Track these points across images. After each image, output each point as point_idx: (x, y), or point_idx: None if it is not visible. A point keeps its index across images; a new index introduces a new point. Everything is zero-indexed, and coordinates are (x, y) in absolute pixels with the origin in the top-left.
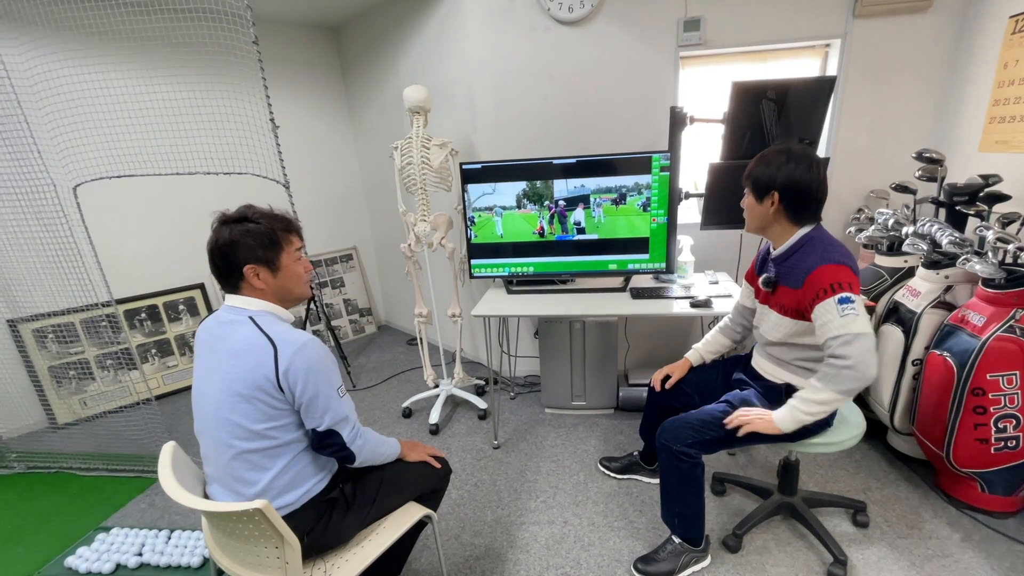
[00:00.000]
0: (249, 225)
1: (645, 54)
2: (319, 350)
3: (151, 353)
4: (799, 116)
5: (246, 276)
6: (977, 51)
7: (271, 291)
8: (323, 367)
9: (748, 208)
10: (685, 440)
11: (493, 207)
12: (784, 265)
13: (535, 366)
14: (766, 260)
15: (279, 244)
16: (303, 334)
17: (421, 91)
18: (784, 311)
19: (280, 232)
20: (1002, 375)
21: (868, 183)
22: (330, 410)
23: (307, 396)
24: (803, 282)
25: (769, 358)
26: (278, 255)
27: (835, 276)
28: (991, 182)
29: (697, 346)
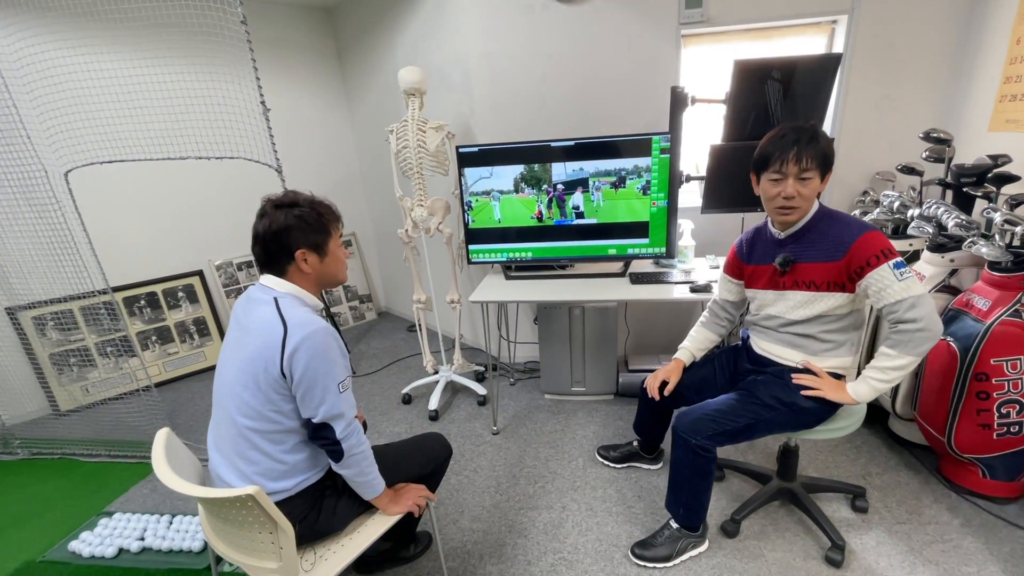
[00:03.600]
0: (301, 210)
1: (646, 33)
2: (328, 339)
3: (151, 340)
4: (804, 95)
5: (296, 260)
6: (989, 26)
7: (315, 275)
8: (327, 358)
9: (810, 192)
10: (704, 432)
11: (491, 191)
12: (802, 241)
13: (534, 352)
14: (762, 245)
15: (328, 230)
16: (318, 321)
17: (416, 72)
18: (814, 286)
19: (329, 219)
20: (1006, 360)
21: (874, 165)
22: (326, 402)
23: (305, 383)
24: (846, 251)
25: (781, 341)
26: (327, 241)
27: (883, 243)
28: (1000, 162)
29: (685, 345)
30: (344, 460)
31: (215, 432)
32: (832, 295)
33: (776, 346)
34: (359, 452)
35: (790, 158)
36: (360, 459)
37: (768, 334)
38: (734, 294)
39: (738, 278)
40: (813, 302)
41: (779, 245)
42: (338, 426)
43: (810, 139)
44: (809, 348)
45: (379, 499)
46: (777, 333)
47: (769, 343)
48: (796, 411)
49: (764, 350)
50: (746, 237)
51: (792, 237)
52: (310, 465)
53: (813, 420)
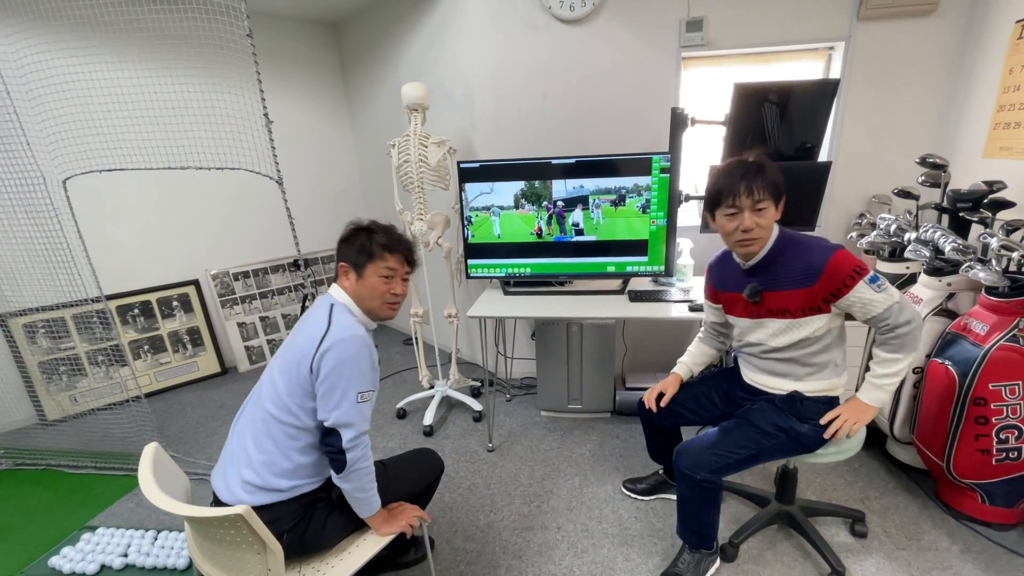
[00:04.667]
0: (360, 231)
1: (647, 54)
2: (362, 349)
3: (144, 350)
4: (801, 119)
5: (339, 271)
6: (982, 55)
7: (351, 292)
8: (356, 366)
9: (767, 222)
10: (708, 467)
11: (491, 207)
12: (769, 270)
13: (532, 368)
14: (731, 273)
15: (371, 255)
16: (360, 331)
17: (419, 88)
18: (789, 314)
19: (378, 247)
20: (1004, 385)
21: (870, 188)
22: (340, 408)
23: (327, 384)
24: (818, 277)
25: (766, 372)
26: (366, 264)
27: (853, 261)
28: (995, 188)
29: (684, 360)
30: (345, 472)
31: (242, 414)
32: (810, 319)
33: (763, 376)
34: (362, 468)
35: (741, 191)
36: (362, 475)
37: (754, 362)
38: (719, 317)
39: (716, 303)
40: (792, 329)
41: (746, 275)
42: (346, 435)
43: (757, 170)
44: (795, 374)
45: (373, 518)
46: (761, 360)
47: (756, 373)
48: (795, 436)
49: (753, 380)
50: (714, 263)
51: (757, 267)
52: (312, 472)
53: (814, 444)
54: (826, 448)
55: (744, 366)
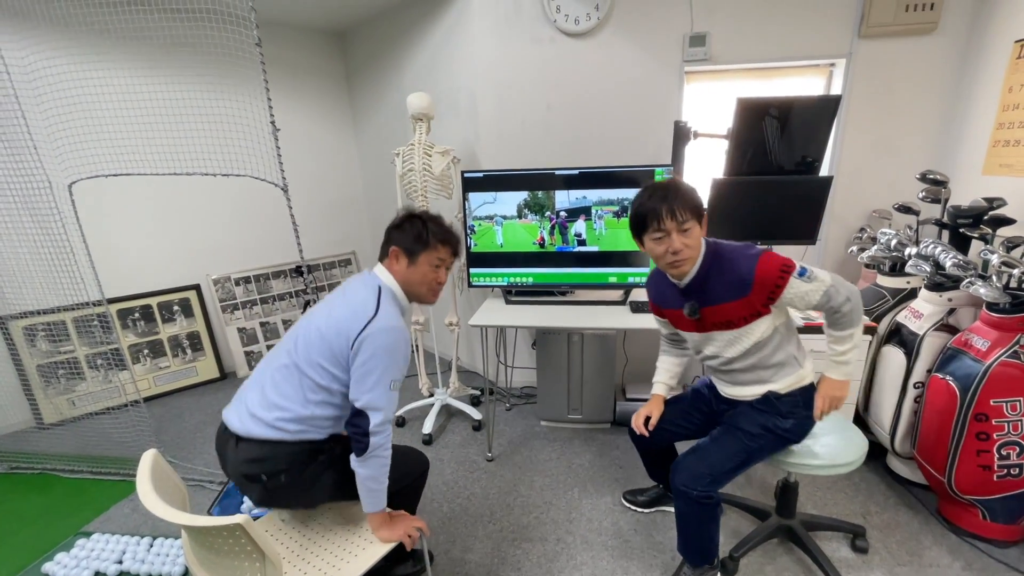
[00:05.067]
0: (415, 220)
1: (650, 68)
2: (400, 342)
3: (143, 354)
4: (802, 134)
5: (390, 254)
6: (982, 74)
7: (400, 276)
8: (394, 357)
9: (695, 241)
10: (703, 481)
11: (494, 216)
12: (704, 288)
13: (532, 377)
14: (671, 292)
15: (427, 244)
16: (401, 323)
17: (424, 98)
18: (732, 325)
19: (433, 237)
20: (1006, 401)
21: (870, 203)
22: (373, 392)
23: (363, 369)
24: (751, 285)
25: (736, 383)
26: (420, 251)
27: (778, 261)
28: (995, 205)
29: (659, 379)
30: (366, 456)
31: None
32: (753, 326)
33: (736, 388)
34: (382, 456)
35: (664, 214)
36: (380, 464)
37: (721, 377)
38: (668, 329)
39: (662, 318)
40: (740, 338)
41: (683, 294)
42: (374, 418)
43: (676, 193)
44: (762, 378)
45: (374, 516)
46: (726, 374)
47: (728, 387)
48: (780, 433)
49: (728, 394)
50: (651, 281)
51: (691, 286)
52: (324, 426)
53: (798, 436)
54: (828, 461)
55: (716, 382)
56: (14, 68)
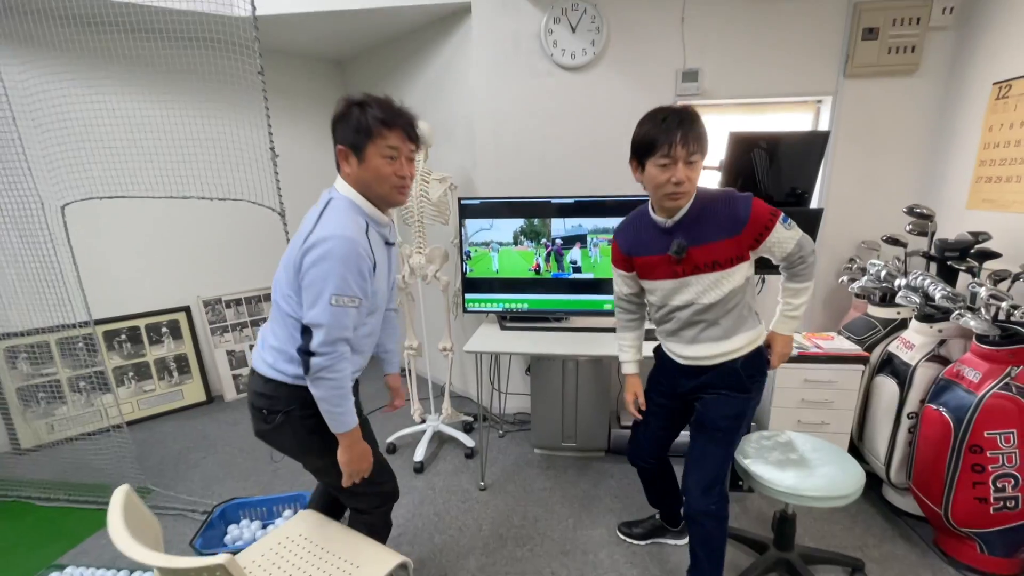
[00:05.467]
0: (356, 106)
1: (645, 101)
2: (343, 250)
3: (128, 376)
4: (790, 166)
5: (338, 155)
6: (962, 113)
7: (354, 180)
8: (335, 266)
9: (696, 175)
10: (715, 493)
11: (490, 242)
12: (693, 226)
13: (525, 403)
14: (648, 234)
15: (370, 133)
16: (349, 231)
17: (423, 127)
18: (719, 266)
19: (376, 123)
20: (999, 433)
21: (859, 234)
22: (315, 308)
23: (306, 281)
24: (744, 224)
25: (698, 341)
26: (365, 144)
27: (767, 206)
28: (980, 239)
29: (628, 358)
30: (310, 376)
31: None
32: (737, 268)
33: (697, 347)
34: (329, 379)
35: (677, 141)
36: (328, 387)
37: (683, 334)
38: (632, 286)
39: (628, 271)
40: (722, 281)
41: (667, 233)
42: (316, 336)
43: (692, 121)
44: (727, 332)
45: (344, 436)
46: (690, 328)
47: (689, 347)
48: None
49: (688, 357)
50: (623, 228)
51: (680, 223)
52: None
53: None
54: (826, 493)
55: (674, 345)
56: (12, 88)
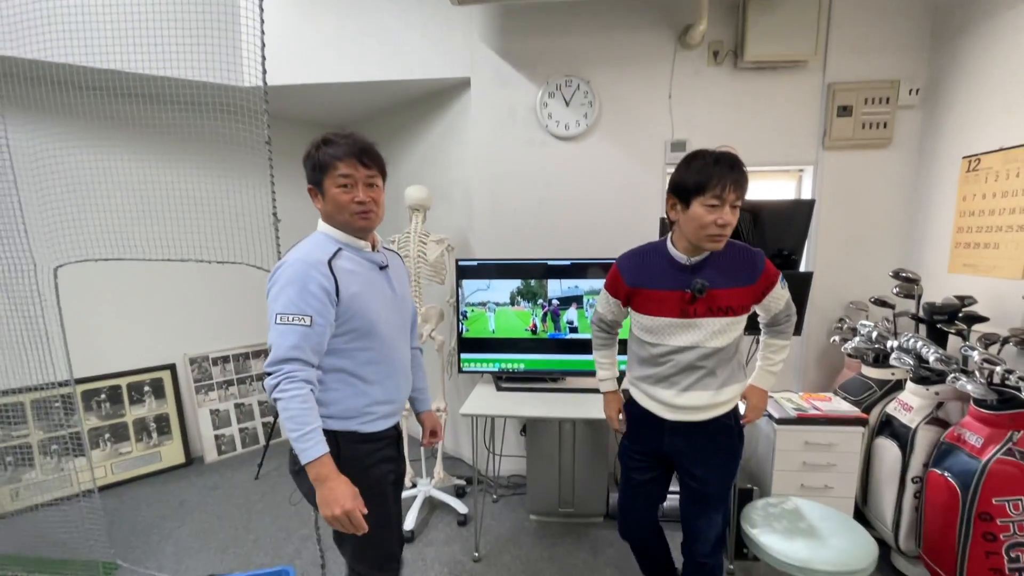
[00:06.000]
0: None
1: (635, 168)
2: (291, 271)
3: (103, 438)
4: (776, 230)
5: (310, 196)
6: (936, 183)
7: (324, 215)
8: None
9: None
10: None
11: (487, 303)
12: (713, 268)
13: (520, 465)
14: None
15: (324, 168)
16: (302, 254)
17: (423, 190)
18: (732, 312)
19: (327, 157)
20: (1007, 500)
21: (847, 295)
22: (269, 331)
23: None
24: (759, 275)
25: (693, 388)
26: (322, 179)
27: (772, 264)
28: (967, 303)
29: (609, 375)
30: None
31: None
32: (742, 318)
33: (691, 395)
34: (280, 398)
35: (728, 185)
36: (282, 407)
37: (673, 381)
38: (615, 315)
39: (620, 298)
40: (729, 328)
41: (687, 271)
42: (269, 357)
43: (741, 168)
44: (723, 379)
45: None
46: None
47: (679, 393)
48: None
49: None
50: (632, 259)
51: (702, 263)
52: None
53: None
54: (840, 568)
55: (663, 393)
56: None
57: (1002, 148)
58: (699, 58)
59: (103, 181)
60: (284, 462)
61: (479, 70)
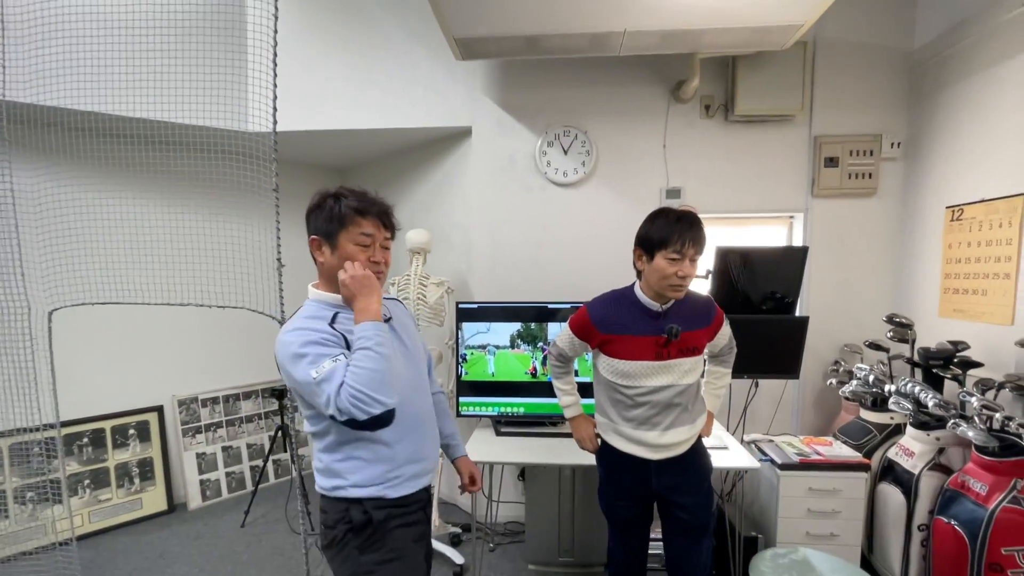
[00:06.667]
0: (330, 197)
1: (632, 214)
2: (284, 343)
3: (83, 484)
4: (769, 274)
5: (311, 245)
6: (922, 231)
7: (327, 269)
8: (286, 364)
9: (695, 271)
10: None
11: (487, 345)
12: (679, 313)
13: (518, 511)
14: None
15: (343, 221)
16: (295, 323)
17: (424, 234)
18: (696, 352)
19: (349, 211)
20: (1017, 550)
21: (841, 338)
22: (316, 395)
23: (289, 388)
24: (714, 317)
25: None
26: (338, 232)
27: (720, 308)
28: (960, 348)
29: (571, 400)
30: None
31: None
32: (702, 357)
33: (675, 432)
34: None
35: (688, 241)
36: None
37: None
38: (575, 352)
39: (587, 340)
40: (696, 366)
41: (659, 317)
42: (322, 402)
43: (699, 226)
44: (694, 413)
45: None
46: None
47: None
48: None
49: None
50: (604, 306)
51: (671, 310)
52: (346, 471)
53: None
54: None
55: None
56: (21, 196)
57: (983, 200)
58: (692, 111)
59: (105, 224)
60: (272, 508)
61: (480, 120)
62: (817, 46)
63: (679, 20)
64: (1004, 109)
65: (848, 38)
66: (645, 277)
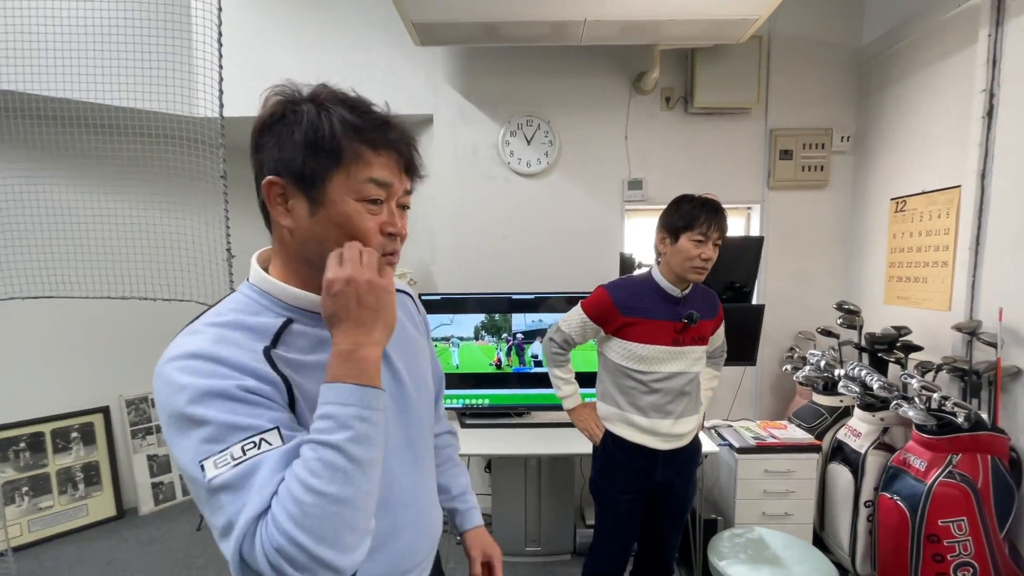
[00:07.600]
0: (310, 107)
1: (595, 205)
2: (166, 382)
3: (20, 492)
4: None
5: (265, 197)
6: (869, 222)
7: (297, 239)
8: (162, 418)
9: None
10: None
11: (450, 337)
12: (694, 300)
13: (485, 503)
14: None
15: (337, 155)
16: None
17: None
18: (704, 340)
19: (350, 137)
20: (952, 521)
21: (796, 325)
22: (209, 509)
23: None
24: (718, 311)
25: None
26: (326, 175)
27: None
28: (903, 333)
29: (572, 390)
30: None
31: None
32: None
33: (684, 421)
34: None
35: (712, 225)
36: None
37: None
38: (583, 338)
39: (603, 325)
40: (703, 356)
41: (677, 303)
42: (225, 546)
43: (723, 212)
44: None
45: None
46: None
47: (676, 421)
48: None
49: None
50: (623, 288)
51: (688, 296)
52: None
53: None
54: None
55: (660, 423)
56: None
57: (924, 192)
58: (652, 103)
59: (38, 213)
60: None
61: (442, 108)
62: (772, 41)
63: (638, 10)
64: (942, 106)
65: (801, 33)
66: (667, 260)
